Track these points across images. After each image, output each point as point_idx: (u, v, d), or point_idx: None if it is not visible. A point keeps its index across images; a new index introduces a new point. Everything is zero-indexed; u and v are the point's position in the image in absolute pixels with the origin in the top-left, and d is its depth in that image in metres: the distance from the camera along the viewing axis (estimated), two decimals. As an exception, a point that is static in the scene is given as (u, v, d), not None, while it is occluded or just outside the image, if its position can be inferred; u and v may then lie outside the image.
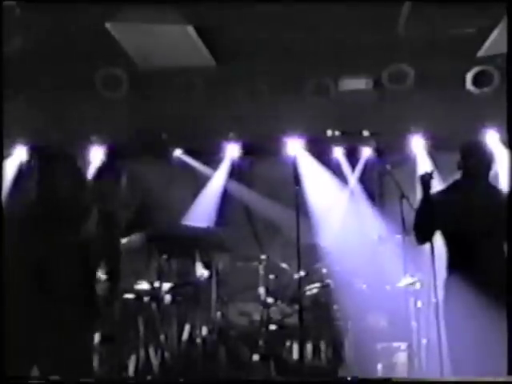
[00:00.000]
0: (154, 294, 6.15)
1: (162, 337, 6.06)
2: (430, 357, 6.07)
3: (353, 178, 7.88)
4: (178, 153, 7.83)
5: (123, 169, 7.81)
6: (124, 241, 6.30)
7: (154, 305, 6.11)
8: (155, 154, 7.68)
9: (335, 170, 7.85)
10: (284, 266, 7.09)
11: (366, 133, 7.22)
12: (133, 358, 5.94)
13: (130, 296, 6.13)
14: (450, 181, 5.47)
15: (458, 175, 5.40)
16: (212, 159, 7.87)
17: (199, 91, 6.88)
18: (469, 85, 6.64)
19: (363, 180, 7.88)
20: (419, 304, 6.43)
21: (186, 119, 7.15)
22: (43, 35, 5.99)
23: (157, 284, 6.20)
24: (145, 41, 6.04)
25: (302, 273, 6.91)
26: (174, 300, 6.28)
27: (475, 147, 5.46)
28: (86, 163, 7.42)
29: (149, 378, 5.83)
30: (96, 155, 7.55)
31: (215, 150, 7.75)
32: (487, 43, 6.20)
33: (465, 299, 5.01)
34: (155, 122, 7.13)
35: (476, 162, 5.28)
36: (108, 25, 5.73)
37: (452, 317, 5.13)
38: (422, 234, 5.26)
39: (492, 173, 5.43)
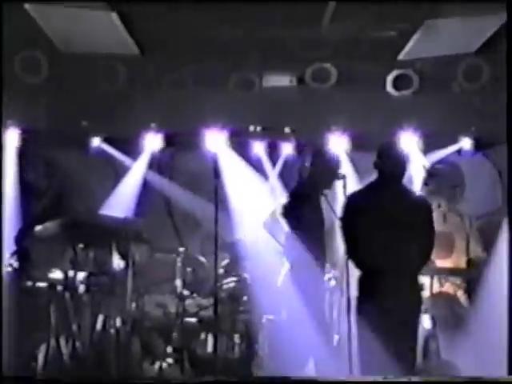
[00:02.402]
0: (68, 283, 6.06)
1: (75, 326, 5.98)
2: (341, 352, 6.16)
3: (273, 174, 7.93)
4: (97, 141, 7.71)
5: (39, 155, 7.65)
6: (38, 228, 6.19)
7: (67, 294, 6.01)
8: (74, 141, 7.55)
9: (256, 165, 7.89)
10: (202, 259, 7.10)
11: (287, 129, 7.30)
12: (43, 348, 5.84)
13: (42, 284, 6.02)
14: (366, 182, 5.61)
15: (374, 175, 5.52)
16: (132, 149, 7.79)
17: (122, 79, 6.81)
18: (389, 87, 6.79)
19: (283, 177, 7.94)
20: (334, 300, 6.53)
21: (107, 107, 7.06)
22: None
23: (71, 273, 6.10)
24: (67, 25, 5.93)
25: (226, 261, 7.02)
26: (88, 290, 6.19)
27: (391, 149, 5.61)
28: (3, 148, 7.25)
29: (58, 368, 5.74)
30: (11, 140, 7.35)
31: (136, 139, 7.67)
32: (407, 47, 6.35)
33: (376, 297, 5.13)
34: (75, 109, 7.00)
35: (391, 164, 5.42)
36: (27, 6, 5.58)
37: (363, 314, 5.25)
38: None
39: (407, 175, 5.59)
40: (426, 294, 6.07)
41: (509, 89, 5.19)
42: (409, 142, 7.33)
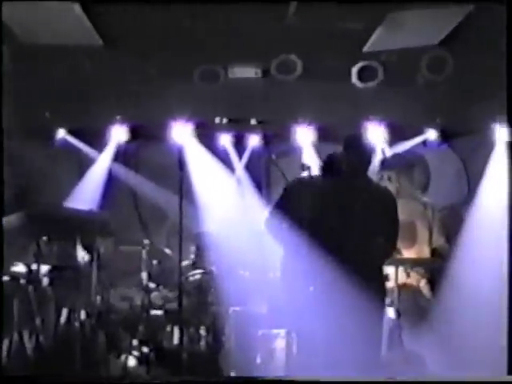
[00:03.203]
0: (31, 276, 6.00)
1: (38, 320, 5.93)
2: (308, 344, 6.17)
3: (239, 166, 7.93)
4: (62, 133, 7.65)
5: (2, 146, 7.55)
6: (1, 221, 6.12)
7: (30, 287, 5.96)
8: (38, 133, 7.48)
9: (222, 157, 7.88)
10: (168, 251, 7.08)
11: (253, 121, 7.29)
12: (6, 342, 5.78)
13: (5, 278, 5.96)
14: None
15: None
16: (98, 141, 7.74)
17: (86, 71, 6.75)
18: (354, 79, 6.80)
19: (250, 168, 7.94)
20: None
21: (71, 99, 7.00)
22: None
23: (34, 266, 6.05)
24: (28, 16, 5.87)
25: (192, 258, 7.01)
26: (51, 283, 6.15)
27: (357, 140, 5.63)
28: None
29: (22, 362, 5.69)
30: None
31: (101, 131, 7.62)
32: (372, 39, 6.36)
33: (339, 288, 5.15)
34: (39, 100, 6.94)
35: (357, 155, 5.44)
36: (-12, -3, 5.52)
37: (326, 305, 5.26)
38: None
39: (372, 167, 5.61)
40: (390, 284, 6.11)
41: (509, 85, 5.22)
42: (374, 133, 7.37)
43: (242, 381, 5.93)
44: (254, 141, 7.85)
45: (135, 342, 6.50)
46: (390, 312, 5.97)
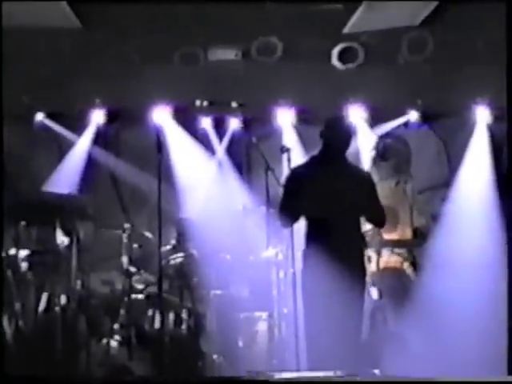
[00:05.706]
0: (10, 261, 5.95)
1: (18, 305, 5.88)
2: (290, 326, 6.19)
3: (220, 148, 7.88)
4: (40, 116, 7.57)
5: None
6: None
7: (9, 272, 5.91)
8: (16, 117, 7.38)
9: (203, 140, 7.83)
10: (148, 235, 7.04)
11: (234, 104, 7.26)
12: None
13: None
14: (309, 156, 5.62)
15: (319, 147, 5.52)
16: (77, 124, 7.66)
17: (64, 53, 6.69)
18: (334, 60, 6.78)
19: (230, 151, 7.90)
20: (281, 274, 6.53)
21: (49, 82, 6.93)
22: None
23: (13, 251, 6.00)
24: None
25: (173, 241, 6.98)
26: (31, 268, 6.10)
27: (340, 122, 5.64)
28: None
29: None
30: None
31: (80, 115, 7.55)
32: (352, 20, 6.35)
33: (321, 270, 5.15)
34: (16, 84, 6.85)
35: (337, 136, 5.44)
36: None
37: (308, 286, 5.27)
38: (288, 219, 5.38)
39: (353, 148, 5.60)
40: (373, 267, 6.12)
41: (509, 83, 5.21)
42: (355, 115, 7.36)
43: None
44: (234, 123, 7.80)
45: (116, 327, 6.47)
46: (373, 293, 5.98)
